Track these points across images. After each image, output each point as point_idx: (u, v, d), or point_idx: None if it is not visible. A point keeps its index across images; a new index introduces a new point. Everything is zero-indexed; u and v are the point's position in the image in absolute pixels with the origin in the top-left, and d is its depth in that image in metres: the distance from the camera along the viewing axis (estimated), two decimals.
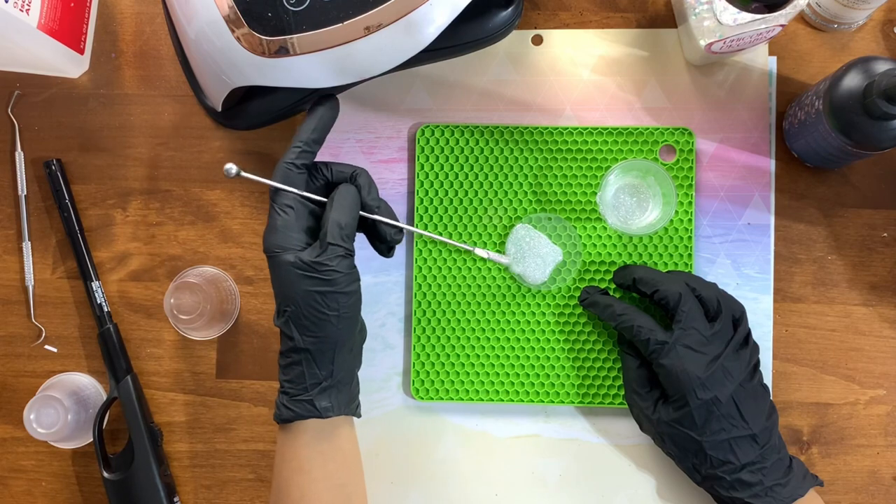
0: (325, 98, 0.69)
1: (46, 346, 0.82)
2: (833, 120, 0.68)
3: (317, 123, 0.68)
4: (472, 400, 0.78)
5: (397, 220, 0.70)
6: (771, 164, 0.79)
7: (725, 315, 0.71)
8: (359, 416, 0.69)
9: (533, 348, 0.78)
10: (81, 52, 0.82)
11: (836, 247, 0.79)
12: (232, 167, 0.66)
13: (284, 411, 0.66)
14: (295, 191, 0.67)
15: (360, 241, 0.70)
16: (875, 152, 0.70)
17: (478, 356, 0.79)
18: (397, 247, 0.80)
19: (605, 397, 0.78)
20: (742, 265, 0.78)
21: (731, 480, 0.69)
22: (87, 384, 0.80)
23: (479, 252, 0.76)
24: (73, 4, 0.80)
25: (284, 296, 0.66)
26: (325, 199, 0.68)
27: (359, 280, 0.67)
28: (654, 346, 0.70)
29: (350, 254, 0.66)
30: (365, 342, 0.71)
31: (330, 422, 0.67)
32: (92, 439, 0.78)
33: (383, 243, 0.70)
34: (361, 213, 0.68)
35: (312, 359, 0.66)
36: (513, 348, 0.78)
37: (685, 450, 0.70)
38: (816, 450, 0.78)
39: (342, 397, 0.67)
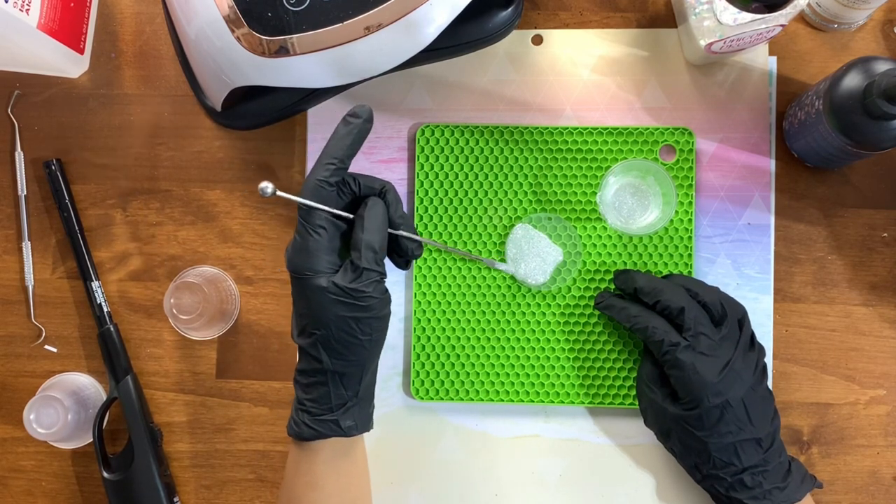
0: (360, 109, 0.65)
1: (46, 346, 0.82)
2: (833, 120, 0.68)
3: (353, 139, 0.64)
4: (472, 400, 0.78)
5: (418, 235, 0.68)
6: (771, 164, 0.79)
7: (731, 318, 0.71)
8: (371, 428, 0.69)
9: (533, 348, 0.78)
10: (81, 52, 0.82)
11: (836, 247, 0.79)
12: (267, 186, 0.61)
13: (306, 430, 0.65)
14: (327, 209, 0.63)
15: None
16: (875, 152, 0.70)
17: (478, 356, 0.79)
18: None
19: (606, 397, 0.78)
20: (742, 265, 0.78)
21: (732, 481, 0.69)
22: (87, 384, 0.80)
23: (500, 266, 0.75)
24: (73, 4, 0.80)
25: (314, 319, 0.64)
26: (352, 216, 0.65)
27: (391, 302, 0.66)
28: (667, 348, 0.70)
29: (384, 277, 0.65)
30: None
31: (349, 440, 0.67)
32: (92, 439, 0.78)
33: (402, 257, 0.68)
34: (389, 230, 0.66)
35: (340, 381, 0.65)
36: (513, 348, 0.78)
37: (689, 448, 0.70)
38: (816, 450, 0.78)
39: (364, 415, 0.67)
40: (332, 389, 0.65)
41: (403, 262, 0.68)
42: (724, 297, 0.72)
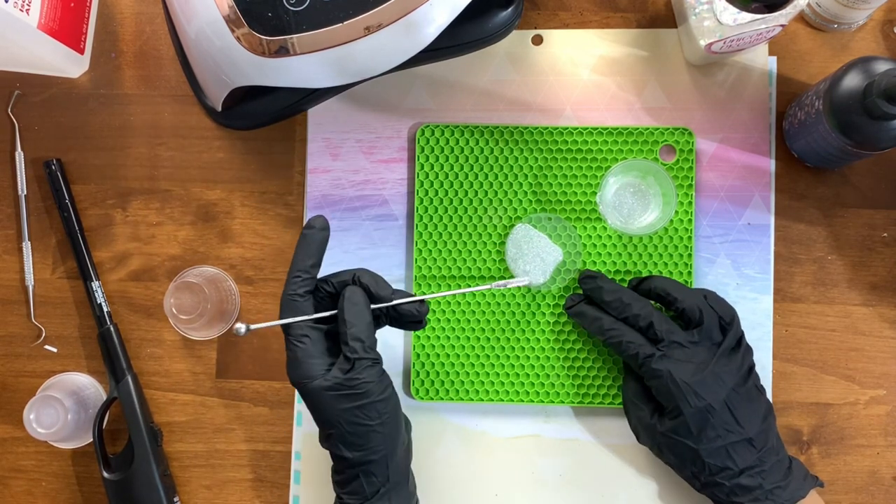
0: (315, 219, 0.68)
1: (46, 346, 0.82)
2: (833, 120, 0.68)
3: (312, 249, 0.67)
4: (472, 400, 0.78)
5: (413, 296, 0.68)
6: (771, 164, 0.79)
7: (708, 322, 0.71)
8: None
9: (533, 348, 0.78)
10: (81, 52, 0.82)
11: (836, 247, 0.79)
12: (241, 327, 0.65)
13: None
14: (303, 319, 0.66)
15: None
16: (875, 152, 0.70)
17: (477, 356, 0.79)
18: (396, 247, 0.80)
19: (605, 397, 0.78)
20: (742, 265, 0.78)
21: (731, 486, 0.69)
22: (87, 384, 0.80)
23: (499, 285, 0.74)
24: (73, 4, 0.80)
25: (324, 420, 0.66)
26: (334, 313, 0.67)
27: (391, 384, 0.67)
28: (642, 360, 0.70)
29: (377, 362, 0.66)
30: (412, 432, 0.72)
31: None
32: (92, 439, 0.78)
33: (411, 321, 0.69)
34: (377, 306, 0.67)
35: (368, 469, 0.66)
36: (513, 348, 0.78)
37: (683, 458, 0.70)
38: (816, 450, 0.78)
39: (401, 498, 0.68)
40: (362, 479, 0.67)
41: (415, 324, 0.69)
42: (704, 301, 0.72)
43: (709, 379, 0.69)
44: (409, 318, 0.69)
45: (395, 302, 0.68)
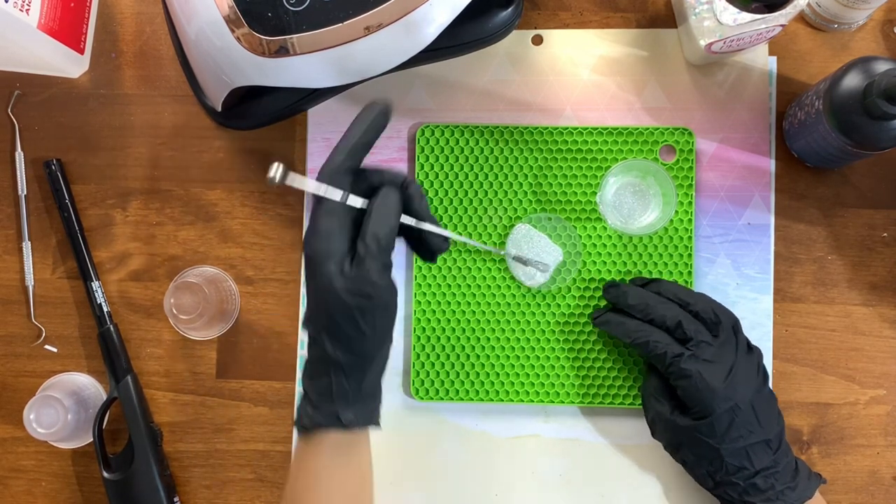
0: (381, 100, 0.64)
1: (46, 346, 0.82)
2: (833, 120, 0.68)
3: (368, 127, 0.63)
4: (472, 400, 0.78)
5: (443, 229, 0.66)
6: (771, 164, 0.79)
7: (725, 323, 0.71)
8: (378, 426, 0.67)
9: (533, 348, 0.78)
10: (81, 52, 0.82)
11: (836, 247, 0.79)
12: (277, 170, 0.59)
13: (307, 420, 0.64)
14: (338, 198, 0.62)
15: None
16: (875, 152, 0.70)
17: (478, 356, 0.79)
18: (396, 247, 0.80)
19: (606, 397, 0.78)
20: (742, 265, 0.78)
21: (745, 486, 0.69)
22: (87, 384, 0.80)
23: (514, 257, 0.74)
24: (73, 4, 0.80)
25: (321, 304, 0.63)
26: (366, 201, 0.64)
27: (397, 294, 0.64)
28: (671, 360, 0.70)
29: (388, 266, 0.63)
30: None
31: (351, 434, 0.65)
32: (92, 439, 0.78)
33: (428, 251, 0.67)
34: (407, 220, 0.64)
35: (343, 372, 0.63)
36: (513, 348, 0.78)
37: (701, 457, 0.70)
38: (816, 450, 0.78)
39: (366, 410, 0.66)
40: (333, 379, 0.63)
41: (429, 255, 0.67)
42: (715, 304, 0.72)
43: (736, 380, 0.69)
44: (428, 247, 0.66)
45: (424, 225, 0.65)
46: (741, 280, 0.78)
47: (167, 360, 0.81)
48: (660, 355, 0.70)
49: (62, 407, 0.76)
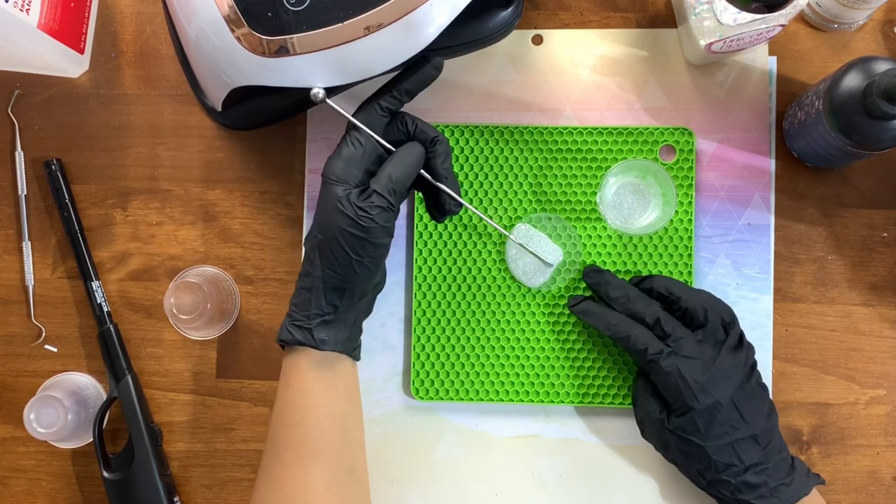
0: (437, 59, 0.69)
1: (46, 346, 0.82)
2: (833, 120, 0.68)
3: (417, 76, 0.69)
4: (472, 400, 0.78)
5: (460, 195, 0.71)
6: (771, 164, 0.79)
7: (712, 320, 0.71)
8: (357, 358, 0.71)
9: (533, 348, 0.78)
10: (81, 51, 0.82)
11: (836, 247, 0.79)
12: (319, 91, 0.67)
13: (285, 333, 0.68)
14: (369, 131, 0.68)
15: None
16: (875, 152, 0.70)
17: (478, 356, 0.79)
18: (396, 246, 0.80)
19: (605, 397, 0.78)
20: (742, 265, 0.78)
21: (737, 483, 0.69)
22: (87, 384, 0.80)
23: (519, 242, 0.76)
24: (73, 4, 0.80)
25: (321, 223, 0.67)
26: (393, 149, 0.69)
27: (392, 235, 0.68)
28: (651, 356, 0.70)
29: (392, 208, 0.67)
30: (380, 293, 0.73)
31: (331, 355, 0.68)
32: (92, 439, 0.78)
33: (438, 211, 0.71)
34: (427, 175, 0.69)
35: (322, 290, 0.67)
36: (513, 348, 0.78)
37: (689, 456, 0.70)
38: (816, 450, 0.78)
39: (341, 335, 0.68)
40: (313, 297, 0.67)
41: (440, 215, 0.72)
42: (707, 300, 0.72)
43: (717, 376, 0.69)
44: (439, 206, 0.71)
45: (440, 186, 0.69)
46: (741, 280, 0.78)
47: (167, 360, 0.81)
48: (640, 351, 0.70)
49: (62, 407, 0.76)
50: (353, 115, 0.68)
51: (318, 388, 0.68)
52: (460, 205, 0.71)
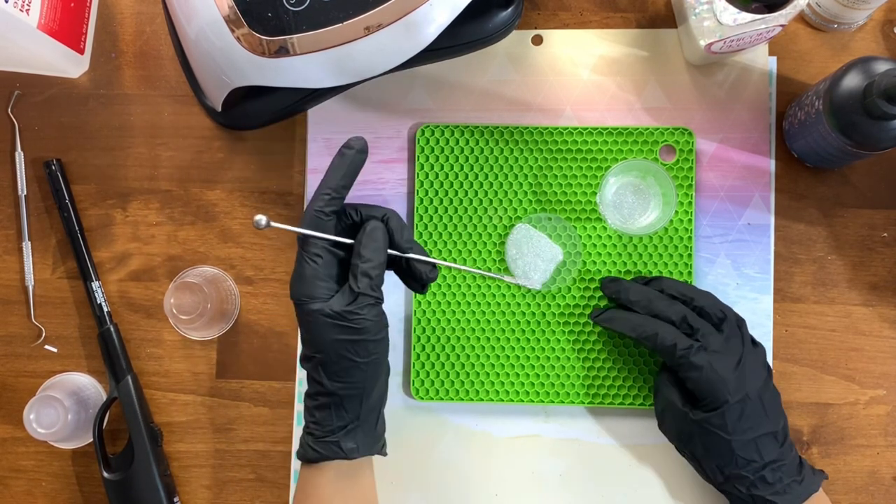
0: (355, 140, 0.67)
1: (46, 346, 0.82)
2: (833, 120, 0.68)
3: (347, 170, 0.66)
4: (472, 400, 0.78)
5: (429, 257, 0.68)
6: (771, 165, 0.79)
7: (730, 318, 0.72)
8: (385, 454, 0.70)
9: (533, 348, 0.78)
10: (81, 52, 0.82)
11: (836, 247, 0.79)
12: (261, 219, 0.63)
13: (310, 452, 0.67)
14: (323, 237, 0.65)
15: None
16: (875, 152, 0.70)
17: (478, 356, 0.79)
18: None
19: (606, 397, 0.78)
20: (742, 265, 0.78)
21: (754, 479, 0.69)
22: (87, 384, 0.80)
23: (515, 281, 0.75)
24: (73, 4, 0.80)
25: (313, 343, 0.66)
26: (352, 242, 0.66)
27: (387, 326, 0.67)
28: (681, 352, 0.70)
29: (379, 301, 0.66)
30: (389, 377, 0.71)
31: (355, 463, 0.67)
32: (92, 439, 0.78)
33: (417, 282, 0.69)
34: (393, 252, 0.67)
35: (341, 403, 0.66)
36: (513, 348, 0.78)
37: (711, 450, 0.70)
38: (816, 450, 0.78)
39: (368, 438, 0.68)
40: (333, 412, 0.66)
41: (419, 286, 0.69)
42: (718, 301, 0.73)
43: (747, 371, 0.69)
44: (417, 278, 0.68)
45: (411, 255, 0.67)
46: (741, 280, 0.78)
47: (167, 360, 0.81)
48: (668, 347, 0.70)
49: (62, 407, 0.76)
50: (300, 227, 0.65)
51: (335, 500, 0.67)
52: (436, 268, 0.69)
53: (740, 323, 0.72)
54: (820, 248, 0.79)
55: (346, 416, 0.66)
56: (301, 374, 0.80)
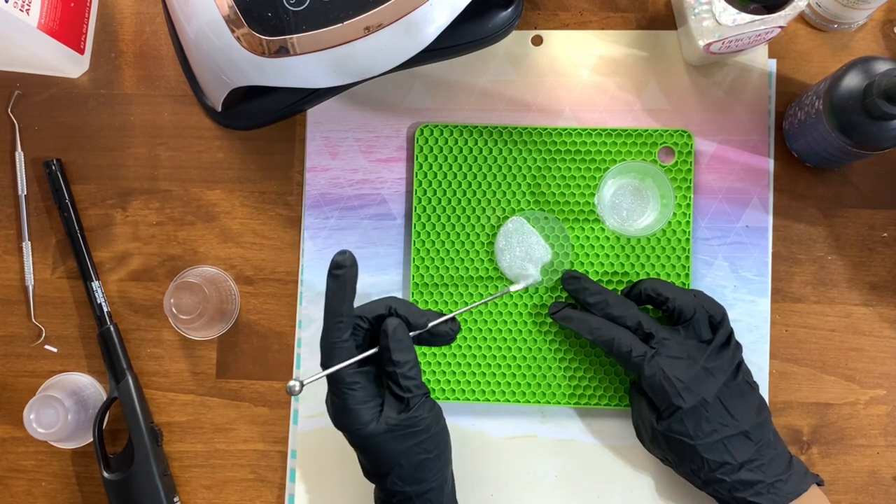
0: (343, 258, 0.66)
1: (46, 346, 0.82)
2: (833, 120, 0.68)
3: (347, 291, 0.66)
4: (469, 400, 0.78)
5: (443, 315, 0.69)
6: (770, 166, 0.79)
7: (699, 319, 0.71)
8: None
9: (530, 349, 0.78)
10: (81, 52, 0.82)
11: (836, 247, 0.79)
12: (295, 384, 0.64)
13: None
14: (353, 361, 0.65)
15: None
16: (875, 152, 0.70)
17: (475, 356, 0.79)
18: (394, 246, 0.80)
19: (602, 398, 0.78)
20: (740, 267, 0.78)
21: (732, 482, 0.69)
22: (87, 384, 0.80)
23: (514, 288, 0.74)
24: (73, 4, 0.81)
25: (383, 461, 0.66)
26: (376, 350, 0.67)
27: (441, 409, 0.68)
28: (635, 359, 0.70)
29: (428, 394, 0.67)
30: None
31: None
32: (92, 439, 0.78)
33: (444, 339, 0.69)
34: (416, 333, 0.67)
35: (427, 498, 0.67)
36: (510, 349, 0.78)
37: (681, 455, 0.70)
38: (816, 450, 0.78)
39: None
40: None
41: (446, 341, 0.70)
42: (697, 298, 0.72)
43: (701, 375, 0.69)
44: (443, 338, 0.69)
45: (431, 324, 0.68)
46: (739, 282, 0.78)
47: (167, 360, 0.81)
48: (624, 353, 0.70)
49: (62, 407, 0.76)
50: (328, 366, 0.65)
51: None
52: (455, 321, 0.69)
53: (718, 323, 0.71)
54: (820, 248, 0.79)
55: None
56: (301, 374, 0.80)
